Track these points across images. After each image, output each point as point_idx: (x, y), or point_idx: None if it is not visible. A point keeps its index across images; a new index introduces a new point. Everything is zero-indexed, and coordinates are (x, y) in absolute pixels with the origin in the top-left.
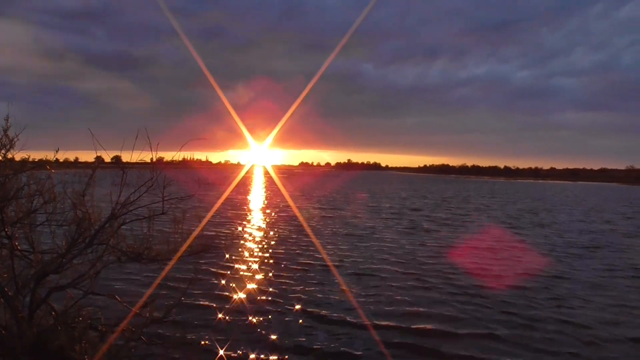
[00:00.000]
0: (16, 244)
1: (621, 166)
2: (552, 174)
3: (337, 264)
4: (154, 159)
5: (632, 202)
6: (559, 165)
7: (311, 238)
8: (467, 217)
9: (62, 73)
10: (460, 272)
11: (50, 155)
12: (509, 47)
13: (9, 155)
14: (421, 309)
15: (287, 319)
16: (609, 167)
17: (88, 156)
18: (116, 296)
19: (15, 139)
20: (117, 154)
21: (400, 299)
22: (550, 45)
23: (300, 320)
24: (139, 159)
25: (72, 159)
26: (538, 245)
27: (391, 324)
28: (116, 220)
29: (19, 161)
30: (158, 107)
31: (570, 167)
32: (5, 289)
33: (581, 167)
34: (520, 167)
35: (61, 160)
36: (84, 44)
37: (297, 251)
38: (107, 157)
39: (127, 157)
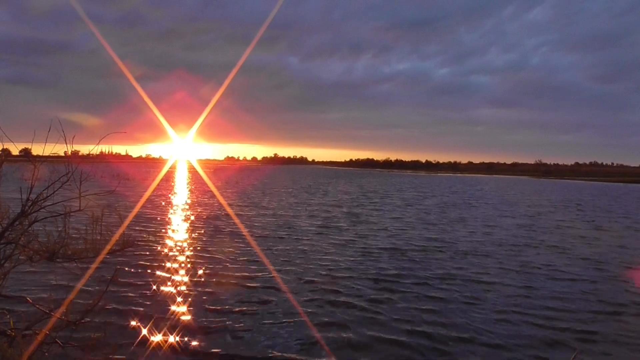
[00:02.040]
0: None
1: (530, 160)
2: (470, 167)
3: (251, 264)
4: (69, 153)
5: (542, 196)
6: (476, 159)
7: (229, 237)
8: (390, 213)
9: None
10: (356, 276)
11: None
12: (430, 45)
13: None
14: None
15: (204, 320)
16: (520, 161)
17: None
18: (28, 298)
19: None
20: (26, 146)
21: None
22: (467, 44)
23: (218, 323)
24: (52, 152)
25: None
26: (453, 245)
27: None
28: (27, 218)
29: None
30: (72, 98)
31: (486, 161)
32: None
33: (496, 162)
34: (441, 161)
35: None
36: None
37: (224, 245)
38: (15, 149)
39: (37, 150)
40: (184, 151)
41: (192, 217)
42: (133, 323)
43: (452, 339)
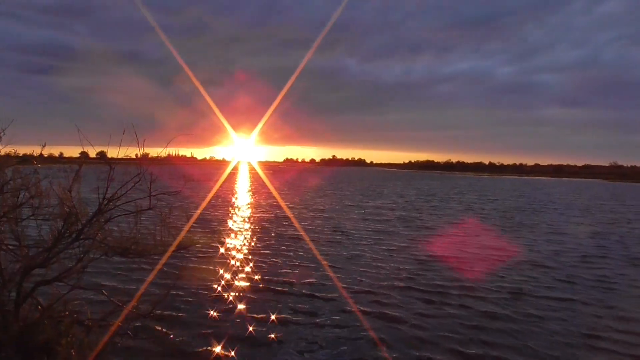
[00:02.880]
0: (2, 238)
1: (604, 162)
2: (537, 170)
3: (303, 269)
4: (140, 155)
5: (618, 200)
6: (543, 161)
7: (294, 236)
8: (447, 217)
9: (43, 68)
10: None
11: (36, 150)
12: (492, 43)
13: None
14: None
15: (270, 319)
16: (592, 163)
17: (72, 151)
18: (103, 291)
19: (2, 134)
20: (102, 149)
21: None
22: (533, 41)
23: (283, 321)
24: (124, 154)
25: (56, 154)
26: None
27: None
28: (103, 215)
29: (4, 156)
30: (142, 104)
31: (555, 163)
32: None
33: (565, 164)
34: (505, 162)
35: (45, 156)
36: (64, 40)
37: (283, 248)
38: (92, 152)
39: (112, 152)
40: (246, 153)
41: (251, 219)
42: (198, 318)
43: None
